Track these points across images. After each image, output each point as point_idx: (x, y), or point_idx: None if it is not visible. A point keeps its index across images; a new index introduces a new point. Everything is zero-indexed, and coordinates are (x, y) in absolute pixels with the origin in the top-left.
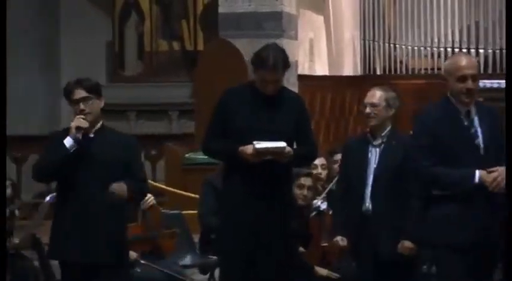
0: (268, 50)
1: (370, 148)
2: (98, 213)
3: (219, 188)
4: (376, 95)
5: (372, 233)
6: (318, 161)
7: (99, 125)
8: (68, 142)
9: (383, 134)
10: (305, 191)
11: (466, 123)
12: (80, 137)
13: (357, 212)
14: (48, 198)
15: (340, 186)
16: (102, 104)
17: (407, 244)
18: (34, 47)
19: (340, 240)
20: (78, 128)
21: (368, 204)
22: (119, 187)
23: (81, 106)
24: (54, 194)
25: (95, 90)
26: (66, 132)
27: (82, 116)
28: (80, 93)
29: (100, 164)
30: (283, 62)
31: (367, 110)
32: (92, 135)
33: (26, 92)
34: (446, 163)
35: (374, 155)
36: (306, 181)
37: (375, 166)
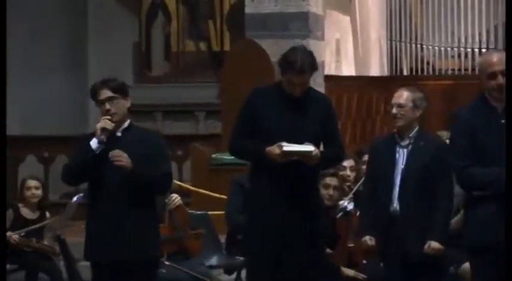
0: (296, 53)
1: (397, 149)
2: (126, 212)
3: (247, 188)
4: (403, 95)
5: (399, 233)
6: (347, 163)
7: (126, 124)
8: (93, 143)
9: (410, 134)
10: (331, 191)
11: (503, 121)
12: (105, 139)
13: (384, 212)
14: (75, 198)
15: (367, 186)
16: (128, 103)
17: (435, 244)
18: (61, 48)
19: (369, 240)
20: (103, 129)
21: (395, 205)
22: (117, 153)
23: (107, 106)
24: (81, 194)
25: (120, 90)
26: (94, 134)
27: (108, 117)
28: (106, 93)
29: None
30: (310, 65)
31: (394, 110)
32: (119, 134)
33: (53, 92)
34: (484, 163)
35: (401, 156)
36: (332, 181)
37: (402, 166)
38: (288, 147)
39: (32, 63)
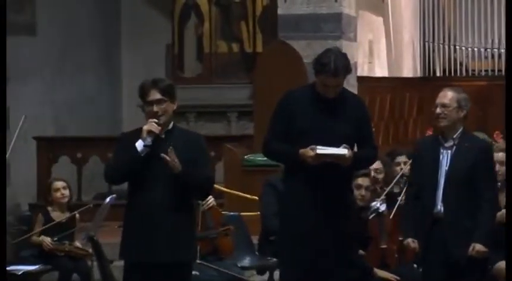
0: (330, 55)
1: (441, 150)
2: (165, 214)
3: (280, 189)
4: (448, 95)
5: (443, 235)
6: (374, 165)
7: (170, 126)
8: (139, 145)
9: (454, 136)
10: (363, 192)
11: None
12: (151, 142)
13: (428, 214)
14: (108, 199)
15: (412, 188)
16: (175, 106)
17: (479, 247)
18: (95, 49)
19: (411, 242)
20: (149, 132)
21: (440, 206)
22: (171, 154)
23: (155, 108)
24: (114, 195)
25: (168, 92)
26: (137, 133)
27: (155, 120)
28: (155, 94)
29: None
30: (344, 67)
31: (438, 110)
32: (163, 136)
33: (86, 93)
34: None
35: (446, 158)
36: (364, 181)
37: (446, 168)
38: (322, 150)
39: (65, 65)
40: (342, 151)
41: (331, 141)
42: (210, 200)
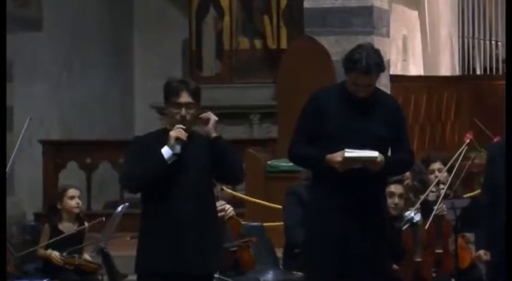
0: (362, 52)
1: None
2: (195, 222)
3: (305, 198)
4: None
5: None
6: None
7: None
8: (166, 152)
9: None
10: (396, 200)
11: None
12: (180, 150)
13: (501, 225)
14: (120, 208)
15: (485, 196)
16: (199, 111)
17: None
18: (104, 46)
19: (483, 254)
20: (177, 139)
21: None
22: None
23: (183, 112)
24: (127, 204)
25: (198, 96)
26: (155, 137)
27: (182, 127)
28: (186, 97)
29: (192, 171)
30: (377, 65)
31: None
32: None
33: (95, 93)
34: None
35: None
36: (397, 189)
37: None
38: (350, 153)
39: (72, 62)
40: (373, 153)
41: (363, 144)
42: (230, 209)
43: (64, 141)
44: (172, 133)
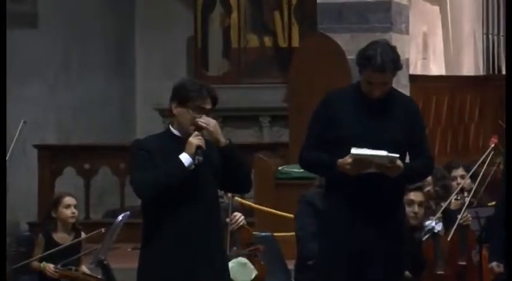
0: (376, 48)
1: None
2: (206, 231)
3: (319, 207)
4: None
5: None
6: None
7: None
8: (186, 160)
9: None
10: (416, 208)
11: None
12: (201, 159)
13: None
14: (120, 218)
15: (502, 206)
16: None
17: None
18: (104, 45)
19: (496, 266)
20: (198, 148)
21: None
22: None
23: (203, 119)
24: (128, 213)
25: (215, 102)
26: (164, 140)
27: (200, 135)
28: (208, 103)
29: (201, 178)
30: (392, 62)
31: None
32: None
33: (94, 95)
34: None
35: None
36: (417, 197)
37: None
38: (357, 150)
39: (70, 62)
40: (381, 152)
41: (378, 148)
42: (240, 218)
43: (61, 146)
44: (194, 141)
